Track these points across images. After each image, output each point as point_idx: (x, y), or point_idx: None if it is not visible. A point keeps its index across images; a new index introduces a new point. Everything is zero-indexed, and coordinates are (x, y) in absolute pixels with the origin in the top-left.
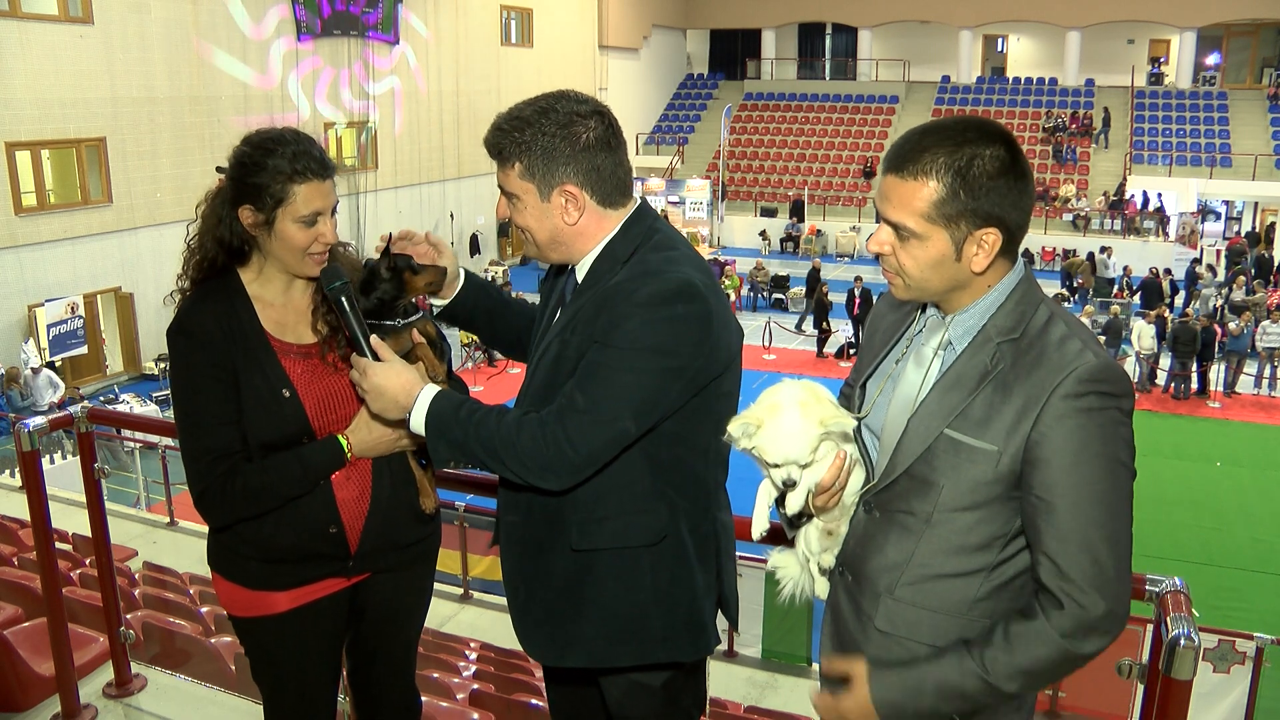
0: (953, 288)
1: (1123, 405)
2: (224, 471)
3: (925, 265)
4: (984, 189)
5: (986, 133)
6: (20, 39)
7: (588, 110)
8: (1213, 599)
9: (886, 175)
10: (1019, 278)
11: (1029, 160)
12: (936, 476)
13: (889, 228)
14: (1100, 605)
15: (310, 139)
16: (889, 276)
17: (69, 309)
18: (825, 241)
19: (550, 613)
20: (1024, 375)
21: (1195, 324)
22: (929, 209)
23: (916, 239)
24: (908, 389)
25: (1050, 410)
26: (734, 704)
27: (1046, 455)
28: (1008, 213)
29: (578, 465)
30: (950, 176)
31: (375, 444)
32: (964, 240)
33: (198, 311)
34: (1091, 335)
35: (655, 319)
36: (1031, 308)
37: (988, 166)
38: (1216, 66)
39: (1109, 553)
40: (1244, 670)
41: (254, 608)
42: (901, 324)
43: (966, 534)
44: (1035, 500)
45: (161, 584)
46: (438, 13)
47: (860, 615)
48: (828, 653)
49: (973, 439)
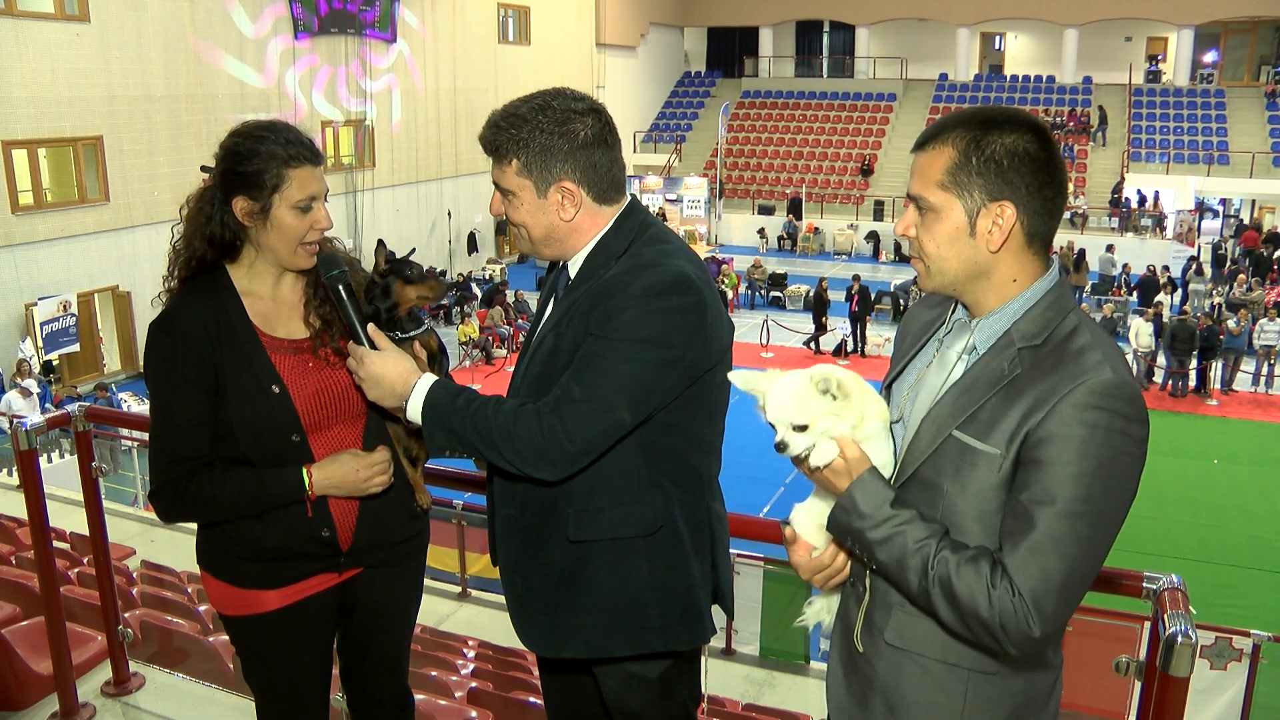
0: (973, 273)
1: (1132, 430)
2: (181, 475)
3: (941, 240)
4: (998, 162)
5: (1014, 119)
6: (16, 37)
7: (584, 108)
8: (1210, 596)
9: (914, 154)
10: (1051, 283)
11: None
12: (942, 480)
13: (913, 208)
14: (1036, 631)
15: (296, 128)
16: (913, 263)
17: (61, 307)
18: (823, 239)
19: (548, 604)
20: (1037, 380)
21: (1194, 322)
22: (942, 175)
23: (933, 213)
24: (929, 392)
25: (1056, 415)
26: (732, 701)
27: (1042, 458)
28: (1024, 196)
29: (574, 455)
30: (965, 144)
31: (339, 484)
32: (977, 212)
33: (182, 308)
34: (1118, 352)
35: (651, 310)
36: (1059, 315)
37: (1006, 144)
38: (1214, 64)
39: (1070, 579)
40: (1241, 667)
41: (244, 606)
42: (932, 325)
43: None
44: (1020, 503)
45: (159, 582)
46: (435, 10)
47: (871, 628)
48: (834, 667)
49: (978, 442)
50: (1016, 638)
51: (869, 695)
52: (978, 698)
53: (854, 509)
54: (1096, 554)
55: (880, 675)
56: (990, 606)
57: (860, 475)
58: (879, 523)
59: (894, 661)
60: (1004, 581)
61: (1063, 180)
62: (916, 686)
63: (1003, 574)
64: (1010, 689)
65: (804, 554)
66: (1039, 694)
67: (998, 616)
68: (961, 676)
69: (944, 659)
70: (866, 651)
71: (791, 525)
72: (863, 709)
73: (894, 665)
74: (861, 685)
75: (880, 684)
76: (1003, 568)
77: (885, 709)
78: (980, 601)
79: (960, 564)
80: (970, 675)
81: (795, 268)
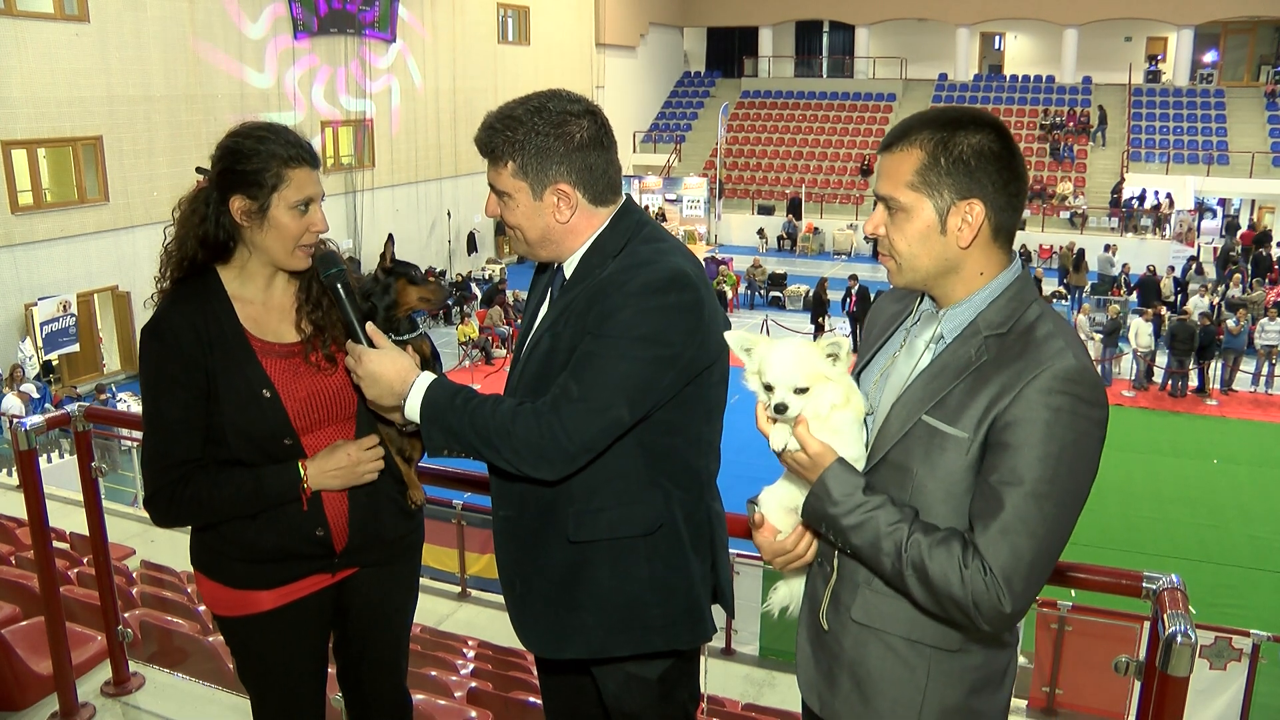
0: (944, 269)
1: (1093, 414)
2: (177, 479)
3: (913, 239)
4: (965, 162)
5: (977, 119)
6: (16, 37)
7: (580, 109)
8: (1210, 596)
9: (880, 155)
10: (1015, 276)
11: (1025, 158)
12: (912, 463)
13: (882, 207)
14: (1008, 607)
15: (294, 131)
16: (883, 260)
17: (61, 307)
18: (823, 239)
19: (548, 605)
20: (1003, 366)
21: (1194, 322)
22: (912, 176)
23: (903, 212)
24: (898, 379)
25: (1022, 400)
26: (731, 701)
27: (1009, 441)
28: (990, 193)
29: (573, 454)
30: (933, 145)
31: (333, 475)
32: (947, 210)
33: (172, 314)
34: (1077, 339)
35: (648, 308)
36: (1023, 306)
37: (972, 143)
38: (1214, 64)
39: (1038, 558)
40: (1240, 667)
41: (238, 607)
42: (899, 317)
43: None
44: (988, 485)
45: (159, 582)
46: (435, 11)
47: (838, 606)
48: (802, 643)
49: (947, 426)
50: (989, 615)
51: (836, 671)
52: (939, 673)
53: (827, 495)
54: (1062, 532)
55: (847, 652)
56: (963, 585)
57: (831, 463)
58: (851, 509)
59: (860, 639)
60: (976, 561)
61: (1024, 175)
62: (881, 662)
63: (974, 554)
64: (969, 665)
65: (769, 536)
66: (996, 671)
67: (970, 595)
68: (925, 653)
69: (908, 636)
70: (833, 629)
71: (760, 508)
72: (830, 684)
73: (860, 642)
74: (829, 661)
75: (847, 660)
76: (974, 548)
77: (852, 684)
78: (953, 581)
79: (932, 546)
80: (933, 653)
81: (795, 268)
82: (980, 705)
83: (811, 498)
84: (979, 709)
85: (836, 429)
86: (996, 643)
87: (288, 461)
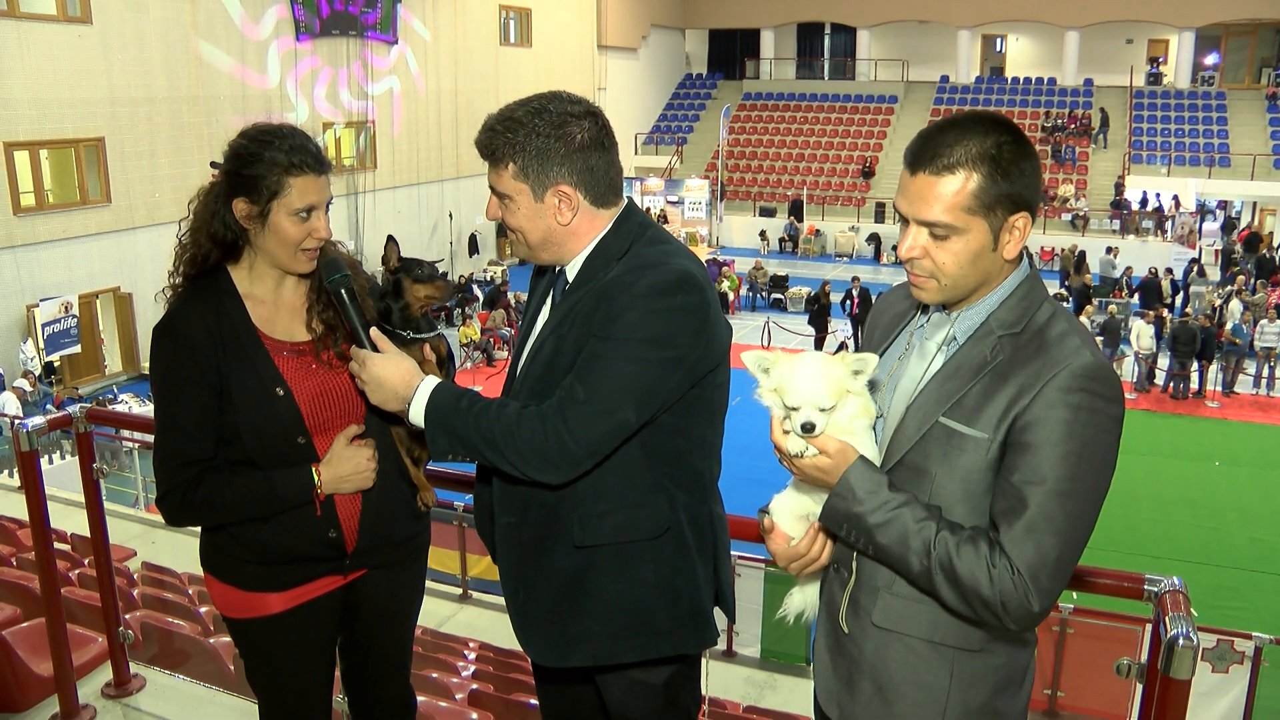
0: (984, 281)
1: (1111, 410)
2: (190, 478)
3: (965, 260)
4: (1015, 172)
5: (997, 122)
6: (18, 39)
7: (580, 111)
8: (1211, 599)
9: (916, 175)
10: (1024, 275)
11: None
12: (930, 465)
13: (920, 229)
14: (1036, 605)
15: (306, 135)
16: (919, 281)
17: (63, 308)
18: (824, 241)
19: (553, 612)
20: (1020, 365)
21: (1195, 324)
22: (969, 200)
23: (957, 234)
24: (909, 382)
25: (1042, 399)
26: (733, 704)
27: (1030, 440)
28: (1033, 196)
29: (578, 457)
30: (986, 165)
31: (350, 476)
32: (1000, 228)
33: (184, 313)
34: (1091, 336)
35: (655, 310)
36: (1035, 304)
37: (1021, 164)
38: (1215, 66)
39: (1064, 555)
40: (1242, 670)
41: (249, 609)
42: (902, 319)
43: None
44: (1011, 484)
45: (160, 584)
46: (436, 13)
47: (857, 610)
48: (821, 652)
49: (965, 427)
50: (1017, 613)
51: (856, 677)
52: (963, 675)
53: (851, 493)
54: (1085, 529)
55: (867, 656)
56: (992, 585)
57: (854, 461)
58: (877, 506)
59: (881, 642)
60: (1002, 560)
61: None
62: (903, 666)
63: (1000, 553)
64: (992, 665)
65: (781, 543)
66: (1018, 670)
67: (999, 594)
68: (947, 655)
69: (930, 638)
70: (852, 633)
71: (770, 515)
72: (850, 691)
73: (881, 646)
74: (848, 667)
75: (867, 665)
76: (999, 547)
77: (873, 689)
78: (981, 580)
79: (959, 544)
80: (955, 654)
81: (796, 270)
82: (1003, 705)
83: (834, 498)
84: (1002, 709)
85: (850, 432)
86: (1018, 641)
87: (301, 465)
